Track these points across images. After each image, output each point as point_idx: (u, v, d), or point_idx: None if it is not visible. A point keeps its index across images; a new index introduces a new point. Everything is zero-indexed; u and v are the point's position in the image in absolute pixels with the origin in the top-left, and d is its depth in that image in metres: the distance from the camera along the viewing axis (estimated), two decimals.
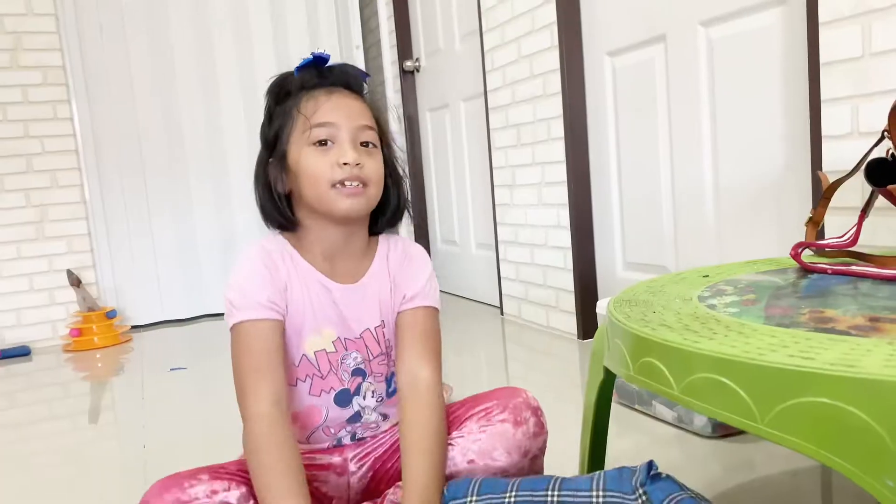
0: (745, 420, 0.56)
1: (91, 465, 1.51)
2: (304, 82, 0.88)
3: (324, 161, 0.84)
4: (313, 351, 0.89)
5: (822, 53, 1.25)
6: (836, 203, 1.16)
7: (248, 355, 0.83)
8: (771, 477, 1.15)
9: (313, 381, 0.90)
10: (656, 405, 1.43)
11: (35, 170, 2.88)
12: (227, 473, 0.82)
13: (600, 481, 0.73)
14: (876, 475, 0.48)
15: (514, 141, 2.38)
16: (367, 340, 0.92)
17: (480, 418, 0.88)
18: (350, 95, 0.89)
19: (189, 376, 2.23)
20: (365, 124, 0.87)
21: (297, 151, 0.85)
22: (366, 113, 0.89)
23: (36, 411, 2.03)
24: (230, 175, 3.18)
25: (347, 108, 0.86)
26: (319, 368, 0.90)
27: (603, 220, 2.10)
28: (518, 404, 0.88)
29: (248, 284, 0.85)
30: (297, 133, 0.86)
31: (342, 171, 0.84)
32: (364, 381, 0.93)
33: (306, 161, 0.85)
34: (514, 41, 2.29)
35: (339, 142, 0.85)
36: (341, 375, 0.91)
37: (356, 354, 0.91)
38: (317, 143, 0.85)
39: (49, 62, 2.88)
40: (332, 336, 0.90)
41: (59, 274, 2.93)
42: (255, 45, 3.19)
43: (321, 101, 0.86)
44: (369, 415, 0.94)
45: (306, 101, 0.86)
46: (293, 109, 0.87)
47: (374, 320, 0.92)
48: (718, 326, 0.67)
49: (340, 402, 0.92)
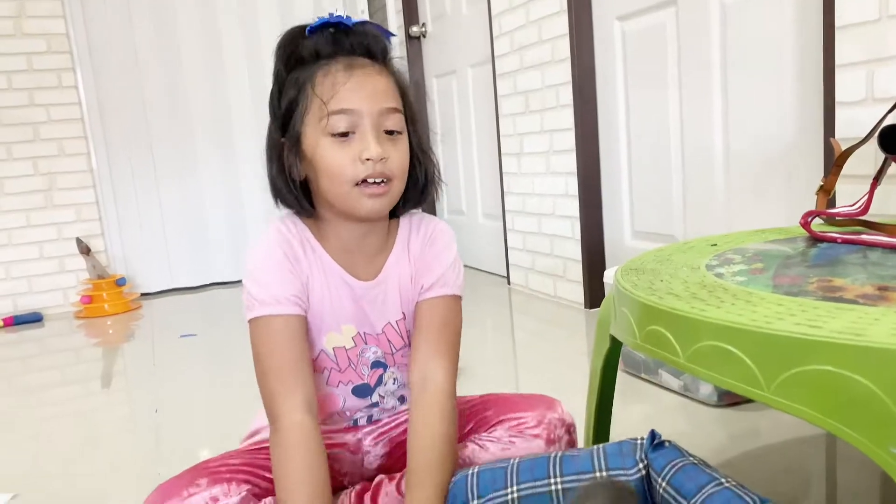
0: (751, 388, 0.56)
1: (103, 430, 1.54)
2: (319, 48, 0.78)
3: (344, 155, 0.76)
4: (332, 347, 0.86)
5: (837, 16, 1.22)
6: (848, 171, 1.14)
7: (273, 354, 0.78)
8: (776, 445, 1.16)
9: (331, 374, 0.87)
10: (662, 374, 1.44)
11: (42, 138, 2.88)
12: (228, 471, 0.79)
13: (601, 459, 0.71)
14: (881, 443, 0.48)
15: (521, 108, 2.35)
16: (388, 335, 0.88)
17: (512, 427, 0.85)
18: (372, 68, 0.79)
19: (199, 343, 2.25)
20: (390, 107, 0.78)
21: (314, 140, 0.77)
22: (390, 91, 0.79)
23: (49, 376, 2.06)
24: (236, 142, 3.17)
25: (371, 89, 0.77)
26: (338, 363, 0.87)
27: (611, 188, 2.09)
28: (553, 421, 0.85)
29: (271, 277, 0.79)
30: (311, 116, 0.77)
31: (365, 167, 0.76)
32: (385, 371, 0.89)
33: (324, 154, 0.77)
34: (522, 5, 2.25)
35: (360, 132, 0.76)
36: (360, 371, 0.88)
37: (376, 349, 0.88)
38: (336, 133, 0.76)
39: (53, 30, 2.86)
40: (352, 332, 0.86)
41: (68, 242, 2.94)
42: (260, 10, 3.15)
43: (339, 80, 0.76)
44: (388, 401, 0.92)
45: (322, 78, 0.77)
46: (307, 85, 0.77)
47: (395, 314, 0.88)
48: (726, 295, 0.66)
49: (359, 393, 0.89)
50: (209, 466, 0.81)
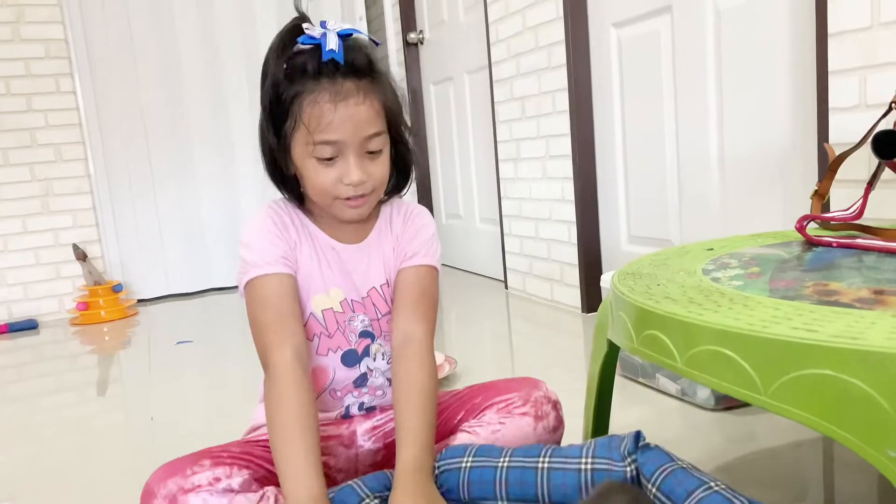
0: (749, 392, 0.56)
1: (99, 437, 1.54)
2: (307, 66, 0.81)
3: (327, 176, 0.82)
4: (321, 310, 0.90)
5: (830, 24, 1.23)
6: (842, 176, 1.15)
7: (267, 309, 0.83)
8: (774, 449, 1.16)
9: (321, 339, 0.91)
10: (660, 378, 1.44)
11: (39, 144, 2.88)
12: (229, 457, 0.82)
13: (590, 448, 0.75)
14: (878, 447, 0.48)
15: (518, 114, 2.36)
16: (373, 299, 0.92)
17: (500, 409, 0.89)
18: (357, 96, 0.81)
19: (195, 349, 2.24)
20: (372, 133, 0.82)
21: (301, 157, 0.83)
22: (373, 115, 0.82)
23: (44, 384, 2.05)
24: (234, 148, 3.17)
25: (355, 120, 0.81)
26: (327, 327, 0.91)
27: (607, 193, 2.09)
28: (539, 398, 0.89)
29: (261, 241, 0.86)
30: (298, 138, 0.82)
31: (346, 189, 0.83)
32: (373, 342, 0.93)
33: (310, 173, 0.83)
34: (518, 12, 2.26)
35: (344, 156, 0.82)
36: (349, 336, 0.92)
37: (363, 317, 0.92)
38: (321, 159, 0.82)
39: (51, 35, 2.86)
40: (340, 296, 0.91)
41: (64, 248, 2.94)
42: (258, 15, 3.16)
43: (325, 112, 0.79)
44: (376, 377, 0.94)
45: (310, 108, 0.80)
46: (294, 109, 0.81)
47: (379, 278, 0.93)
48: (722, 299, 0.67)
49: (347, 361, 0.92)
50: (212, 451, 0.83)
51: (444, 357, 1.67)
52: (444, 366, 1.63)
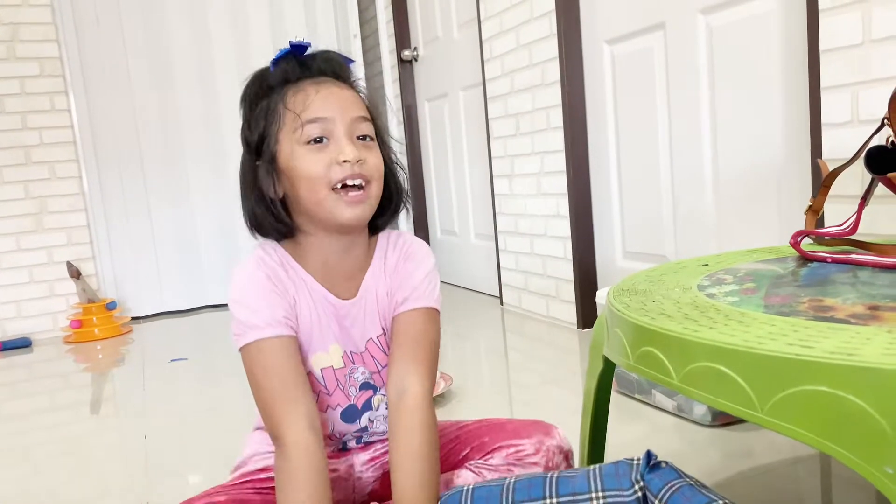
0: (745, 409, 0.56)
1: (92, 456, 1.52)
2: (287, 75, 0.81)
3: (320, 160, 0.77)
4: (320, 368, 0.85)
5: (822, 40, 1.24)
6: (836, 191, 1.15)
7: (273, 377, 0.77)
8: (770, 465, 1.15)
9: (319, 397, 0.86)
10: (656, 394, 1.44)
11: (33, 161, 2.88)
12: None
13: (598, 480, 0.70)
14: (875, 463, 0.48)
15: (512, 130, 2.37)
16: (372, 351, 0.88)
17: (510, 455, 0.84)
18: (340, 85, 0.82)
19: (190, 367, 2.23)
20: (360, 115, 0.81)
21: (289, 151, 0.79)
22: (359, 103, 0.82)
23: (37, 402, 2.03)
24: (229, 165, 3.16)
25: (340, 99, 0.80)
26: (326, 385, 0.86)
27: (602, 209, 2.10)
28: (551, 448, 0.85)
29: (259, 301, 0.79)
30: (285, 131, 0.79)
31: (342, 169, 0.77)
32: (375, 394, 0.89)
33: (300, 162, 0.78)
34: (512, 29, 2.28)
35: (334, 137, 0.78)
36: (349, 391, 0.87)
37: (363, 369, 0.88)
38: (310, 141, 0.78)
39: (46, 53, 2.87)
40: (339, 351, 0.86)
41: (58, 266, 2.93)
42: (252, 33, 3.17)
43: (310, 94, 0.79)
44: (377, 426, 0.91)
45: (293, 95, 0.79)
46: (279, 105, 0.79)
47: (375, 329, 0.88)
48: (718, 315, 0.66)
49: (347, 418, 0.88)
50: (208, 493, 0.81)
51: (439, 374, 1.67)
52: (440, 382, 1.62)
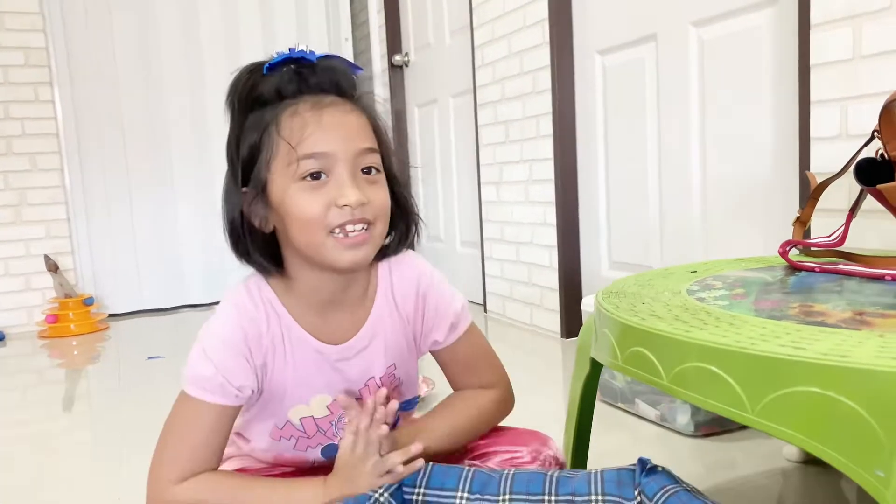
0: (735, 410, 0.55)
1: (64, 454, 1.48)
2: (281, 87, 0.70)
3: (316, 201, 0.67)
4: (298, 418, 0.79)
5: (812, 55, 1.25)
6: (823, 204, 1.16)
7: (193, 436, 0.74)
8: (752, 475, 1.15)
9: (298, 440, 0.81)
10: (639, 403, 1.43)
11: (14, 152, 2.83)
12: None
13: (599, 484, 0.69)
14: (865, 465, 0.48)
15: (502, 138, 2.37)
16: (371, 389, 0.80)
17: (506, 461, 0.82)
18: (343, 106, 0.71)
19: (167, 365, 2.19)
20: (366, 147, 0.70)
21: (282, 187, 0.69)
22: (364, 128, 0.71)
23: (9, 398, 1.99)
24: (214, 165, 3.14)
25: (344, 129, 0.69)
26: (305, 431, 0.80)
27: (589, 218, 2.10)
28: (548, 458, 0.83)
29: (222, 363, 0.72)
30: (279, 162, 0.69)
31: (342, 213, 0.67)
32: None
33: (294, 201, 0.68)
34: (504, 37, 2.28)
35: (334, 175, 0.68)
36: (333, 432, 0.81)
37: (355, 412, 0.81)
38: (306, 177, 0.68)
39: (31, 43, 2.83)
40: (326, 401, 0.79)
41: (36, 259, 2.88)
42: (243, 33, 3.16)
43: (308, 122, 0.68)
44: None
45: (289, 120, 0.68)
46: (271, 128, 0.69)
47: (380, 369, 0.80)
48: (708, 317, 0.66)
49: (328, 453, 0.83)
50: None
51: (421, 377, 1.65)
52: (422, 386, 1.60)
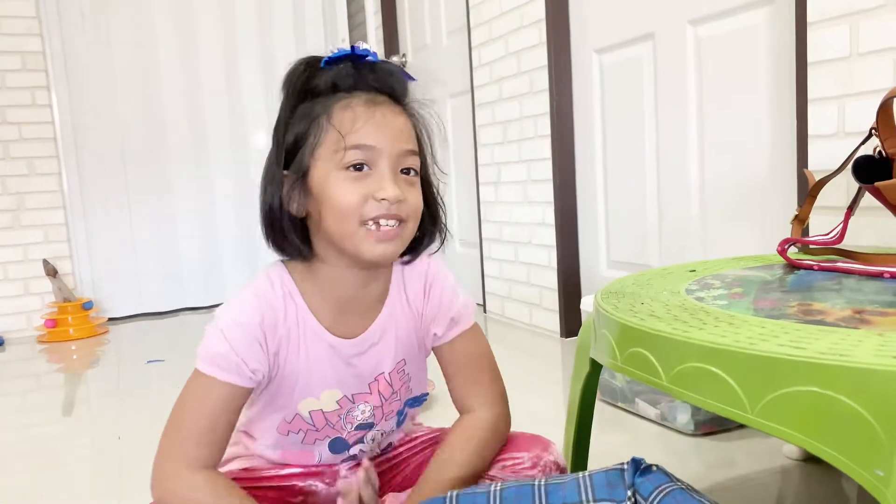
0: (735, 410, 0.55)
1: (64, 459, 1.48)
2: (338, 80, 0.73)
3: (357, 191, 0.70)
4: (308, 411, 0.80)
5: (809, 53, 1.25)
6: (821, 202, 1.16)
7: (205, 416, 0.75)
8: (752, 474, 1.15)
9: (307, 434, 0.82)
10: (639, 402, 1.43)
11: (12, 157, 2.83)
12: None
13: (589, 489, 0.68)
14: (865, 465, 0.47)
15: (500, 138, 2.37)
16: (380, 385, 0.82)
17: (507, 468, 0.82)
18: (393, 107, 0.74)
19: (166, 368, 2.19)
20: (409, 149, 0.73)
21: (324, 173, 0.71)
22: (410, 132, 0.75)
23: (8, 403, 1.98)
24: (212, 167, 3.14)
25: (392, 128, 0.72)
26: (314, 424, 0.81)
27: (588, 218, 2.10)
28: (549, 464, 0.83)
29: (238, 343, 0.73)
30: (324, 149, 0.71)
31: (378, 206, 0.70)
32: (370, 431, 0.85)
33: (335, 188, 0.70)
34: (501, 37, 2.28)
35: (377, 169, 0.71)
36: (341, 427, 0.82)
37: (364, 407, 0.82)
38: (350, 167, 0.70)
39: (28, 47, 2.83)
40: (336, 396, 0.80)
41: (34, 263, 2.87)
42: (240, 35, 3.15)
43: (360, 116, 0.71)
44: (367, 455, 0.87)
45: (342, 111, 0.71)
46: (322, 117, 0.71)
47: (389, 365, 0.82)
48: (707, 317, 0.66)
49: (336, 448, 0.84)
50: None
51: None
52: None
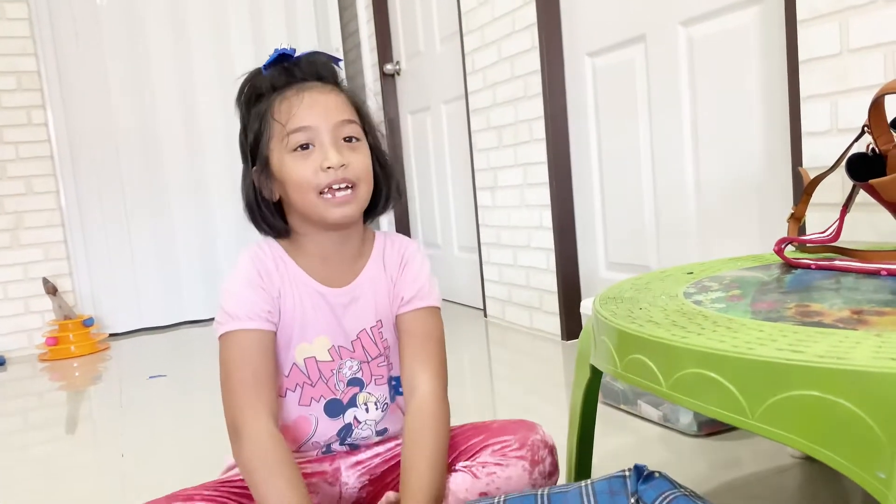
0: (736, 415, 0.55)
1: (68, 476, 1.48)
2: (274, 81, 0.85)
3: (306, 167, 0.80)
4: (303, 358, 0.87)
5: (800, 51, 1.25)
6: (817, 199, 1.16)
7: (244, 367, 0.80)
8: (756, 474, 1.15)
9: (303, 389, 0.88)
10: (642, 404, 1.43)
11: (9, 176, 2.83)
12: (202, 498, 0.80)
13: (591, 498, 0.68)
14: (866, 467, 0.48)
15: (495, 143, 2.37)
16: (363, 342, 0.90)
17: (496, 451, 0.86)
18: (323, 89, 0.84)
19: (169, 384, 2.19)
20: (345, 119, 0.83)
21: (279, 158, 0.82)
22: (344, 105, 0.84)
23: (11, 422, 1.98)
24: (209, 180, 3.14)
25: (323, 106, 0.82)
26: (309, 376, 0.88)
27: (585, 220, 2.10)
28: (536, 442, 0.86)
29: (243, 292, 0.83)
30: (275, 139, 0.83)
31: (327, 175, 0.80)
32: (361, 390, 0.90)
33: (290, 169, 0.81)
34: (494, 43, 2.29)
35: (319, 144, 0.81)
36: (335, 385, 0.88)
37: (351, 363, 0.89)
38: (297, 148, 0.81)
39: (23, 67, 2.83)
40: (327, 344, 0.88)
41: (34, 282, 2.87)
42: (234, 49, 3.16)
43: (293, 103, 0.82)
44: (362, 429, 0.91)
45: (279, 104, 0.83)
46: (267, 114, 0.83)
47: (369, 320, 0.90)
48: (706, 322, 0.66)
49: (331, 412, 0.89)
50: (186, 491, 0.82)
51: None
52: None
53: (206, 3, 3.11)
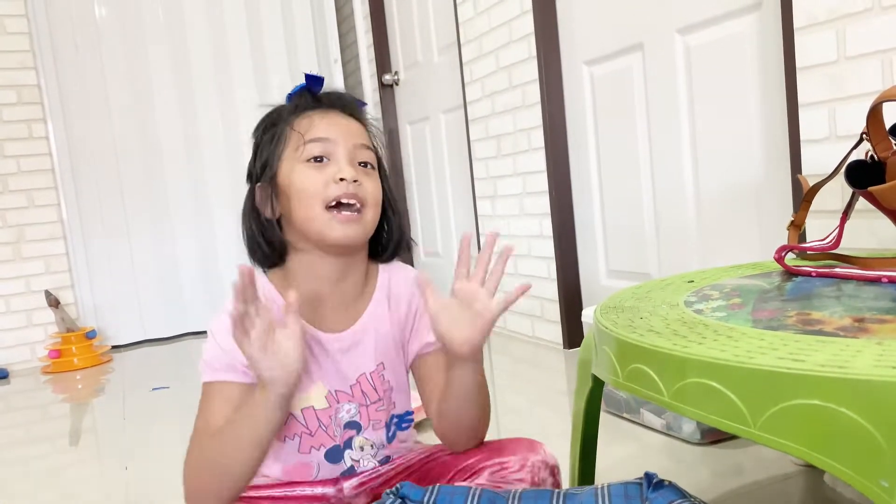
0: (738, 425, 0.55)
1: (71, 489, 1.48)
2: (297, 105, 0.85)
3: (318, 177, 0.79)
4: (300, 409, 0.83)
5: (797, 58, 1.26)
6: (817, 206, 1.16)
7: (214, 412, 0.80)
8: (760, 482, 1.15)
9: (302, 438, 0.84)
10: (644, 413, 1.43)
11: (11, 190, 2.84)
12: None
13: (606, 499, 0.69)
14: (870, 476, 0.48)
15: (494, 152, 2.38)
16: (363, 386, 0.86)
17: (494, 473, 0.83)
18: (345, 116, 0.85)
19: (171, 395, 2.19)
20: (363, 143, 0.83)
21: (290, 167, 0.80)
22: (364, 134, 0.85)
23: (14, 435, 1.98)
24: (209, 191, 3.14)
25: (345, 127, 0.82)
26: (308, 426, 0.84)
27: (585, 228, 2.10)
28: (536, 463, 0.83)
29: (226, 341, 0.76)
30: (288, 151, 0.81)
31: (338, 187, 0.78)
32: (358, 434, 0.86)
33: (298, 177, 0.79)
34: (492, 52, 2.30)
35: (335, 158, 0.80)
36: (332, 431, 0.85)
37: (349, 406, 0.85)
38: (311, 159, 0.80)
39: (23, 81, 2.85)
40: (323, 391, 0.84)
41: (36, 295, 2.88)
42: (233, 60, 3.17)
43: (315, 119, 0.82)
44: (366, 463, 0.88)
45: (300, 121, 0.82)
46: (285, 129, 0.82)
47: (370, 365, 0.86)
48: (707, 331, 0.66)
49: (331, 458, 0.86)
50: None
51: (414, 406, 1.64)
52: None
53: (205, 15, 3.13)
